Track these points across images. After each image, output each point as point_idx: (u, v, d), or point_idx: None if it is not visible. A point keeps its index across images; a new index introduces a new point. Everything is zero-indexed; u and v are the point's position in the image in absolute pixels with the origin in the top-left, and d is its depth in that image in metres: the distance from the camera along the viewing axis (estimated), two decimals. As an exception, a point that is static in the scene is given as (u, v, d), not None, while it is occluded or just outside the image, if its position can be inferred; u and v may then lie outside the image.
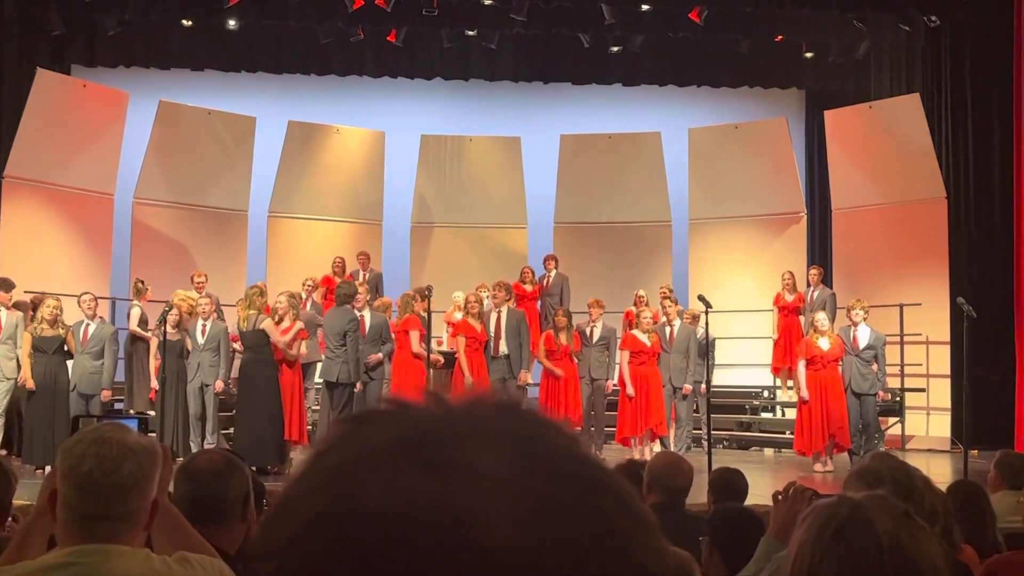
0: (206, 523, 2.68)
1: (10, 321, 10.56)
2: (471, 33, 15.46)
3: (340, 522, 0.54)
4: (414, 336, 11.42)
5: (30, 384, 10.30)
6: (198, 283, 12.33)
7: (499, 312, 12.01)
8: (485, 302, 12.48)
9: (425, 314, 11.45)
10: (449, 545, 0.52)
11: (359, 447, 0.57)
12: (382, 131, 16.05)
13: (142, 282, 12.54)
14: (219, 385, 11.06)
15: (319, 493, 0.56)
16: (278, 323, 10.39)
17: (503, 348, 11.92)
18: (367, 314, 11.62)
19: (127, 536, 2.20)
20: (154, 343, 11.19)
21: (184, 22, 15.18)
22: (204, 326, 11.18)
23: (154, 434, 9.60)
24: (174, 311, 10.67)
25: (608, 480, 0.59)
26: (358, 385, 10.90)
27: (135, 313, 12.15)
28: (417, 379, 11.12)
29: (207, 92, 15.84)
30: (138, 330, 11.95)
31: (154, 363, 10.76)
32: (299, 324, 10.49)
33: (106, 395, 10.73)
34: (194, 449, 10.22)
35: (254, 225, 15.32)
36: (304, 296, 12.72)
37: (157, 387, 10.69)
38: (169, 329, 10.62)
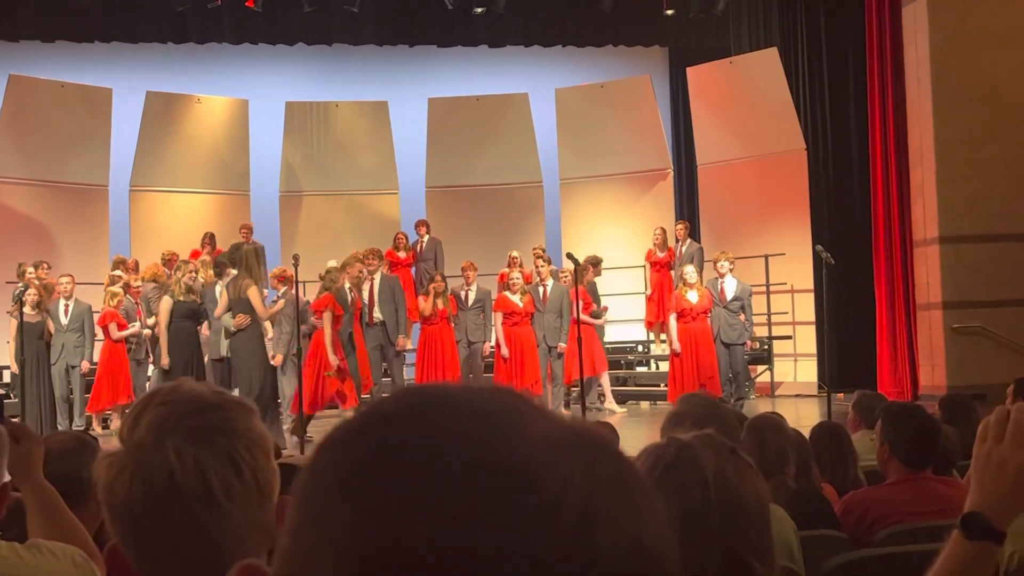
0: (61, 505, 2.61)
1: None
2: (332, -4, 15.19)
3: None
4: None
5: None
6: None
7: (372, 279, 11.94)
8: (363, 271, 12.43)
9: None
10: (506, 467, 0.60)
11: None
12: (245, 99, 15.76)
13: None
14: (85, 365, 10.77)
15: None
16: None
17: (377, 315, 11.85)
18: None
19: (-29, 522, 2.12)
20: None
21: (32, -9, 14.59)
22: (67, 306, 10.86)
23: (16, 418, 9.29)
24: (32, 291, 10.32)
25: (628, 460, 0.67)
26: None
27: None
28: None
29: (60, 64, 15.29)
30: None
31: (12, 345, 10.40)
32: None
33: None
34: (62, 432, 9.92)
35: (115, 200, 14.89)
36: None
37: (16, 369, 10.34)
38: (28, 311, 10.28)
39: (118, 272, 12.07)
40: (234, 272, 10.10)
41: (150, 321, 11.23)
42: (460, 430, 0.61)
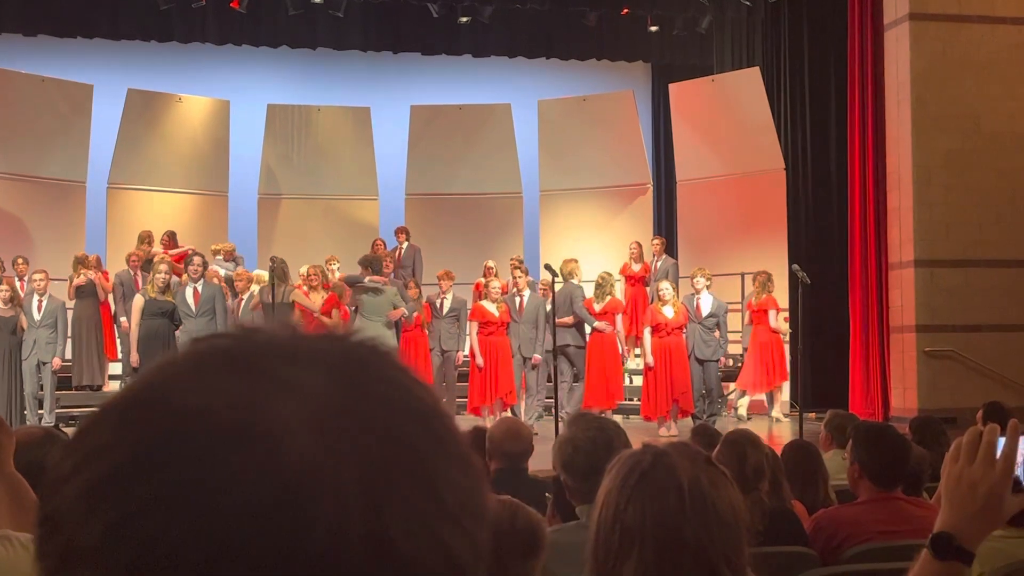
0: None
1: None
2: (317, 1, 15.17)
3: (139, 415, 0.55)
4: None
5: None
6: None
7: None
8: (336, 273, 12.43)
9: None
10: (239, 444, 0.53)
11: (188, 356, 0.58)
12: (227, 100, 15.69)
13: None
14: (56, 362, 10.69)
15: (131, 391, 0.57)
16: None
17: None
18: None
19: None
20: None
21: (15, -15, 14.50)
22: (40, 302, 10.78)
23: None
24: (4, 286, 10.23)
25: (426, 411, 0.58)
26: None
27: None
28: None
29: (41, 58, 15.19)
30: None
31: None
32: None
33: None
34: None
35: (93, 197, 14.80)
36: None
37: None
38: (1, 305, 10.19)
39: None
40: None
41: None
42: (190, 442, 0.53)
